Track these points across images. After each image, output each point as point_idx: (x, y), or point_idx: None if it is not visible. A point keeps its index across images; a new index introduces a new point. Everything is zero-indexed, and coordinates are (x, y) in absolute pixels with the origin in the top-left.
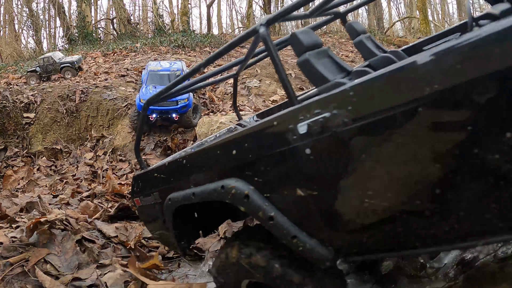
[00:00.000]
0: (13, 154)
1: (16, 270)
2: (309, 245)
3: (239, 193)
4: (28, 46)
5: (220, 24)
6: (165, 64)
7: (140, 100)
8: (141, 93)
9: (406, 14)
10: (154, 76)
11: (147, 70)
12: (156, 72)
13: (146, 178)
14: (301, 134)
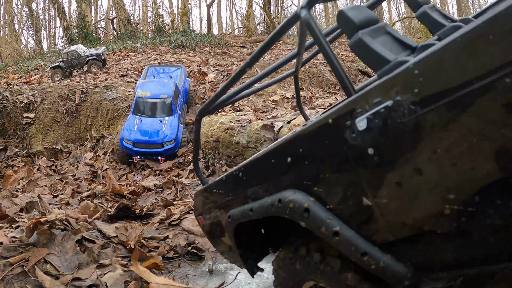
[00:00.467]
0: (13, 154)
1: (16, 270)
2: (382, 262)
3: (298, 207)
4: (28, 46)
5: (220, 24)
6: (155, 87)
7: (124, 139)
8: (125, 129)
9: (406, 14)
10: (141, 104)
11: (135, 95)
12: (143, 99)
13: (206, 195)
14: (361, 131)
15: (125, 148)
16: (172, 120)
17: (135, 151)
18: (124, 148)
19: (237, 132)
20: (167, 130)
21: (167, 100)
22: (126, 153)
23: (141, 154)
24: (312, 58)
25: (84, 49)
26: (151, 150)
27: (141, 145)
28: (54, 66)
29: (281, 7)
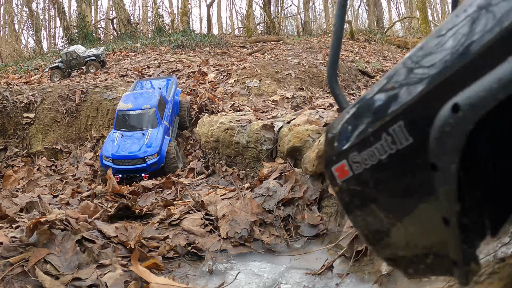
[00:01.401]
0: (13, 154)
1: (16, 270)
2: None
3: None
4: (28, 46)
5: (220, 24)
6: (138, 99)
7: (103, 157)
8: (104, 145)
9: (406, 14)
10: (123, 118)
11: (117, 109)
12: (124, 112)
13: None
14: None
15: (104, 166)
16: (156, 132)
17: (115, 169)
18: (104, 166)
19: (237, 132)
20: (150, 143)
21: (151, 110)
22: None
23: (122, 172)
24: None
25: (83, 50)
26: (133, 166)
27: (121, 162)
28: (53, 66)
29: (281, 7)
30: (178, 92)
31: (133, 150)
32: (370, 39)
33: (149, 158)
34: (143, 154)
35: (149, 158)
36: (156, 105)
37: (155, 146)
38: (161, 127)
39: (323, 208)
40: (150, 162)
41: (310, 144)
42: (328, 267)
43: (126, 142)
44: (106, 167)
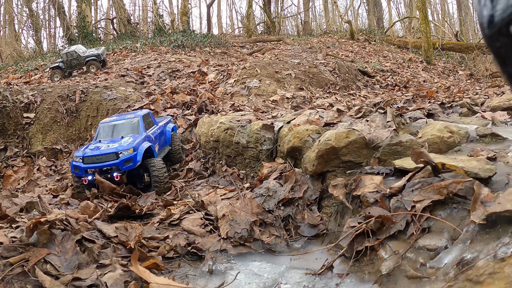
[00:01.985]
0: (13, 154)
1: (16, 270)
2: None
3: None
4: (28, 46)
5: (220, 24)
6: (123, 115)
7: (73, 158)
8: (77, 151)
9: (406, 14)
10: (104, 129)
11: (98, 126)
12: (106, 124)
13: None
14: None
15: (74, 169)
16: (137, 136)
17: (84, 169)
18: (73, 169)
19: (237, 132)
20: (126, 142)
21: (135, 120)
22: (81, 185)
23: (92, 170)
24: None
25: (84, 50)
26: (104, 163)
27: (91, 159)
28: (54, 66)
29: (281, 7)
30: (174, 128)
31: (106, 149)
32: (370, 39)
33: (122, 154)
34: (116, 150)
35: (123, 154)
36: (141, 115)
37: (131, 143)
38: (144, 134)
39: (323, 208)
40: (124, 157)
41: (310, 144)
42: (328, 267)
43: (101, 145)
44: (76, 170)
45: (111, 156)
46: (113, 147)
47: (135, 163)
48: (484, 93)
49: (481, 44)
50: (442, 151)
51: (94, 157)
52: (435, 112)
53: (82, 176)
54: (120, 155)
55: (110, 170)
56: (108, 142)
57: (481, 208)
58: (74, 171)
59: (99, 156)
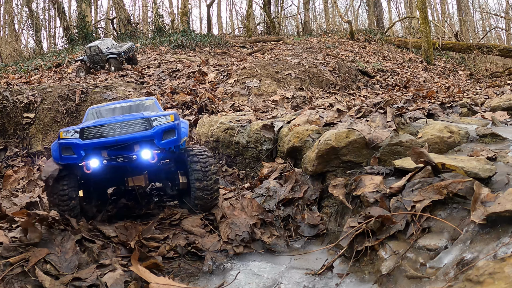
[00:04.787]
0: (13, 154)
1: (16, 270)
2: None
3: None
4: (28, 46)
5: (220, 24)
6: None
7: (60, 135)
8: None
9: (406, 14)
10: (104, 113)
11: (88, 111)
12: (104, 108)
13: None
14: None
15: (60, 153)
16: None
17: (83, 148)
18: (59, 153)
19: (237, 132)
20: (157, 110)
21: (148, 102)
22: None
23: (101, 147)
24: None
25: (109, 45)
26: (124, 137)
27: (99, 131)
28: (79, 59)
29: (281, 7)
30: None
31: (126, 116)
32: (370, 39)
33: (158, 121)
34: (147, 115)
35: (159, 121)
36: (156, 100)
37: (167, 113)
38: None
39: (323, 208)
40: (162, 126)
41: (310, 144)
42: (328, 267)
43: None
44: (64, 153)
45: (138, 123)
46: (135, 113)
47: (179, 137)
48: (484, 93)
49: (481, 44)
50: (442, 151)
51: (105, 126)
52: (435, 112)
53: (78, 161)
54: (155, 122)
55: (134, 150)
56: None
57: (481, 208)
58: (60, 155)
59: (113, 125)
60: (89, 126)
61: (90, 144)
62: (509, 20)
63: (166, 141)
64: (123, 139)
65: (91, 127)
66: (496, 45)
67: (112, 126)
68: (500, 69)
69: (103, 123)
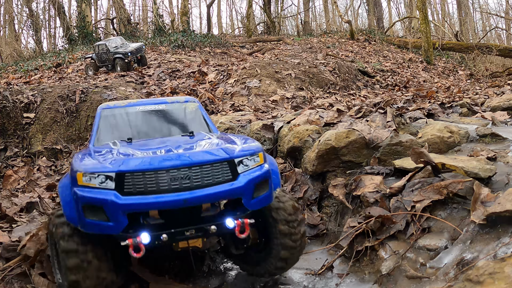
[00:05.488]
0: (13, 154)
1: (16, 270)
2: None
3: None
4: (28, 46)
5: (220, 24)
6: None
7: (78, 179)
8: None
9: (406, 14)
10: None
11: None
12: (125, 110)
13: None
14: None
15: (81, 215)
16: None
17: (127, 210)
18: (80, 215)
19: (237, 132)
20: (229, 138)
21: (190, 106)
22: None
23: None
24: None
25: (117, 44)
26: (203, 194)
27: (156, 184)
28: (88, 57)
29: (281, 7)
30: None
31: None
32: (370, 39)
33: (246, 166)
34: (229, 152)
35: (247, 166)
36: (199, 104)
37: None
38: (225, 135)
39: (323, 208)
40: (252, 176)
41: (310, 144)
42: (328, 267)
43: (153, 145)
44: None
45: (216, 168)
46: (206, 145)
47: (272, 192)
48: (484, 93)
49: (481, 44)
50: (442, 151)
51: (162, 171)
52: (435, 112)
53: (115, 232)
54: (240, 167)
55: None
56: (160, 144)
57: (481, 208)
58: (82, 218)
59: (176, 171)
60: (133, 170)
61: (138, 205)
62: (509, 20)
63: (257, 200)
64: (197, 199)
65: (137, 173)
66: (496, 45)
67: (175, 172)
68: (500, 69)
69: (158, 166)
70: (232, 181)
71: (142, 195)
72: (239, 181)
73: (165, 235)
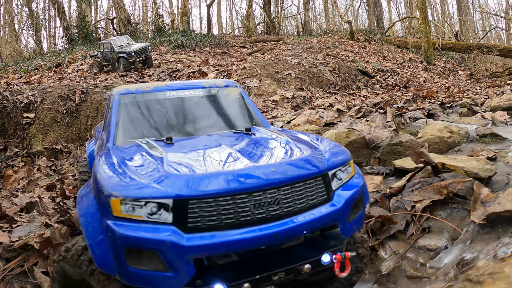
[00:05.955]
0: (13, 154)
1: (16, 270)
2: None
3: None
4: (28, 46)
5: (220, 24)
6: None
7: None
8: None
9: (406, 14)
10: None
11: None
12: (157, 97)
13: None
14: None
15: (122, 261)
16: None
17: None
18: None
19: None
20: (317, 142)
21: (232, 92)
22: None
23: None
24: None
25: (122, 43)
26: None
27: (235, 213)
28: (93, 55)
29: (281, 7)
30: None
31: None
32: (370, 39)
33: (339, 179)
34: (323, 163)
35: (340, 179)
36: (242, 89)
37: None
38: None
39: None
40: (349, 195)
41: None
42: None
43: (205, 148)
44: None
45: (309, 185)
46: (279, 150)
47: (364, 209)
48: (484, 93)
49: (481, 44)
50: (442, 151)
51: (243, 194)
52: (435, 112)
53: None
54: (334, 181)
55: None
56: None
57: (481, 208)
58: (123, 264)
59: (262, 193)
60: (202, 194)
61: (212, 247)
62: (509, 20)
63: (352, 224)
64: (291, 231)
65: (207, 199)
66: (496, 45)
67: (260, 196)
68: (500, 69)
69: (237, 188)
70: (328, 202)
71: (214, 231)
72: (336, 202)
73: (247, 285)
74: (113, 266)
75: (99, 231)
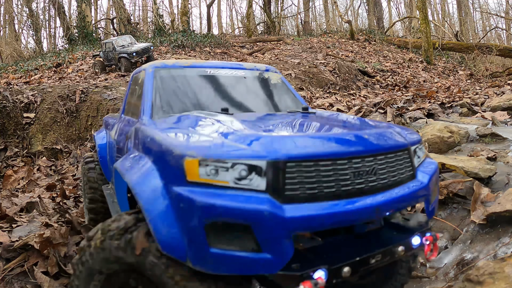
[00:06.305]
0: (13, 154)
1: (16, 270)
2: None
3: None
4: (28, 46)
5: (220, 24)
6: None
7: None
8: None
9: (406, 14)
10: (195, 84)
11: (154, 73)
12: (191, 72)
13: None
14: None
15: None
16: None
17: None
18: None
19: None
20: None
21: (274, 76)
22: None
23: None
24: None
25: (124, 43)
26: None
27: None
28: (95, 54)
29: (281, 7)
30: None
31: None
32: (370, 39)
33: (419, 157)
34: (407, 138)
35: (419, 156)
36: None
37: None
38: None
39: None
40: (430, 172)
41: None
42: None
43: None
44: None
45: (399, 158)
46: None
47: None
48: (484, 93)
49: (481, 44)
50: (442, 151)
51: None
52: (435, 112)
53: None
54: (415, 158)
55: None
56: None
57: (481, 208)
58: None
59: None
60: (302, 156)
61: (317, 218)
62: (509, 20)
63: (434, 206)
64: (390, 205)
65: (307, 162)
66: (496, 45)
67: (359, 163)
68: (500, 69)
69: (338, 151)
70: (413, 178)
71: (314, 201)
72: (421, 179)
73: (347, 268)
74: (184, 248)
75: (166, 203)
